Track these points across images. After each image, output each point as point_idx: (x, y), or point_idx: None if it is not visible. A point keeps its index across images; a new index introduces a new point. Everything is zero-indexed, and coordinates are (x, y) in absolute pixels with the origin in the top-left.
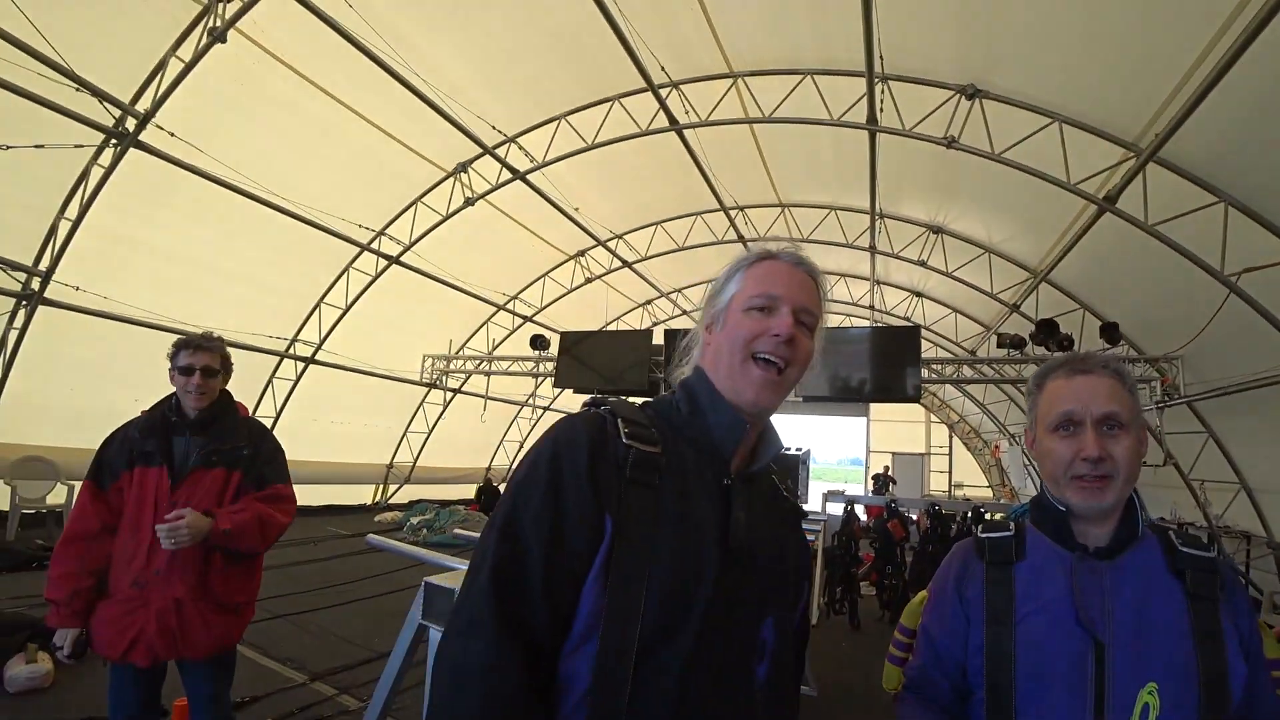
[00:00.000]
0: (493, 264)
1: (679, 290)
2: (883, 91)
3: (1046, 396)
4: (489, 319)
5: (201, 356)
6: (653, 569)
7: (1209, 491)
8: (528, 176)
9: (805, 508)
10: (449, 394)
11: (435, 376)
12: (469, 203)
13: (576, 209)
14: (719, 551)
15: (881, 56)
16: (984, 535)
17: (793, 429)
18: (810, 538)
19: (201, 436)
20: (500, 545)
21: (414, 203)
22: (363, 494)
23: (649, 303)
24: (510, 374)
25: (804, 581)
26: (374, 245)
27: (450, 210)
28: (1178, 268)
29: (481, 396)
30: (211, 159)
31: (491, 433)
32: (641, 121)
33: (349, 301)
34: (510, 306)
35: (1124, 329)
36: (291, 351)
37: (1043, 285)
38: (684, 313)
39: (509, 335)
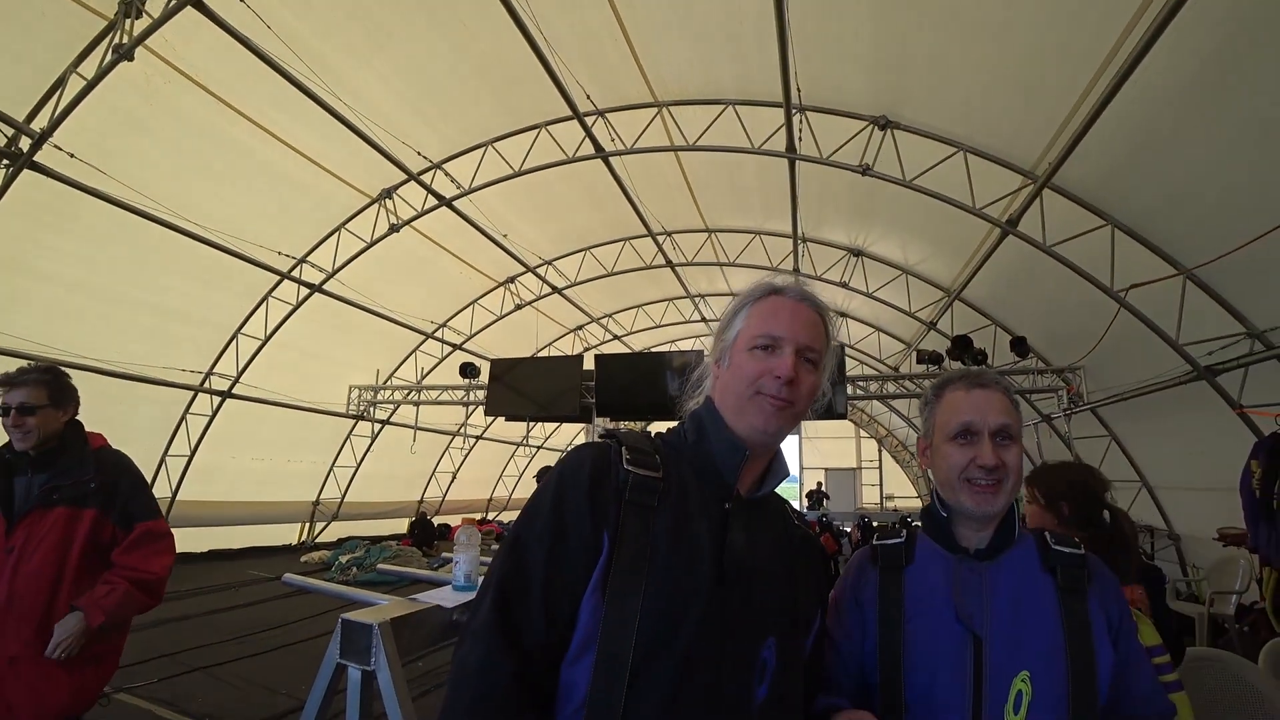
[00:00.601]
0: (420, 292)
1: (609, 315)
2: (801, 121)
3: (945, 406)
4: (417, 347)
5: (16, 394)
6: (647, 585)
7: (1114, 490)
8: (454, 203)
9: None
10: (377, 425)
11: (362, 408)
12: (394, 229)
13: (505, 235)
14: (714, 570)
15: (799, 88)
16: (877, 543)
17: None
18: None
19: (43, 474)
20: (506, 560)
21: (337, 229)
22: (288, 534)
23: (580, 328)
24: (440, 403)
25: (818, 608)
26: (295, 273)
27: (375, 237)
28: (1075, 285)
29: (411, 427)
30: (117, 182)
31: (423, 464)
32: (568, 148)
33: (269, 331)
34: (439, 334)
35: (1031, 342)
36: (207, 385)
37: (957, 303)
38: (615, 337)
39: (438, 364)
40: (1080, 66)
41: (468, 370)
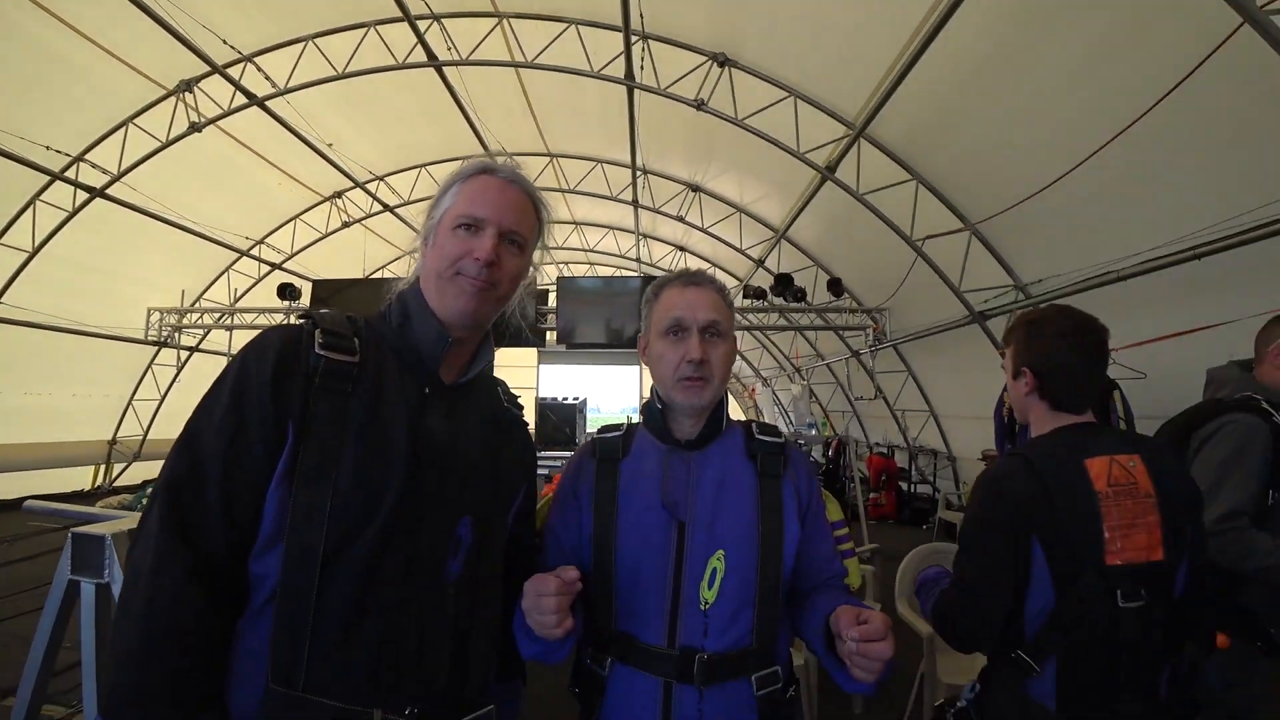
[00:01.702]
0: (233, 204)
1: None
2: (643, 50)
3: (661, 305)
4: (230, 266)
5: None
6: (339, 473)
7: (908, 418)
8: (268, 103)
9: None
10: (183, 353)
11: (165, 334)
12: (195, 129)
13: (330, 145)
14: (409, 457)
15: (641, 15)
16: (597, 436)
17: (570, 379)
18: None
19: None
20: (179, 459)
21: (124, 124)
22: (80, 478)
23: (415, 251)
24: (257, 328)
25: (523, 483)
26: (70, 174)
27: (172, 137)
28: (883, 232)
29: (224, 355)
30: None
31: None
32: (400, 54)
33: (37, 243)
34: (255, 252)
35: (846, 284)
36: None
37: (784, 243)
38: None
39: (254, 285)
40: (900, 27)
41: (287, 292)
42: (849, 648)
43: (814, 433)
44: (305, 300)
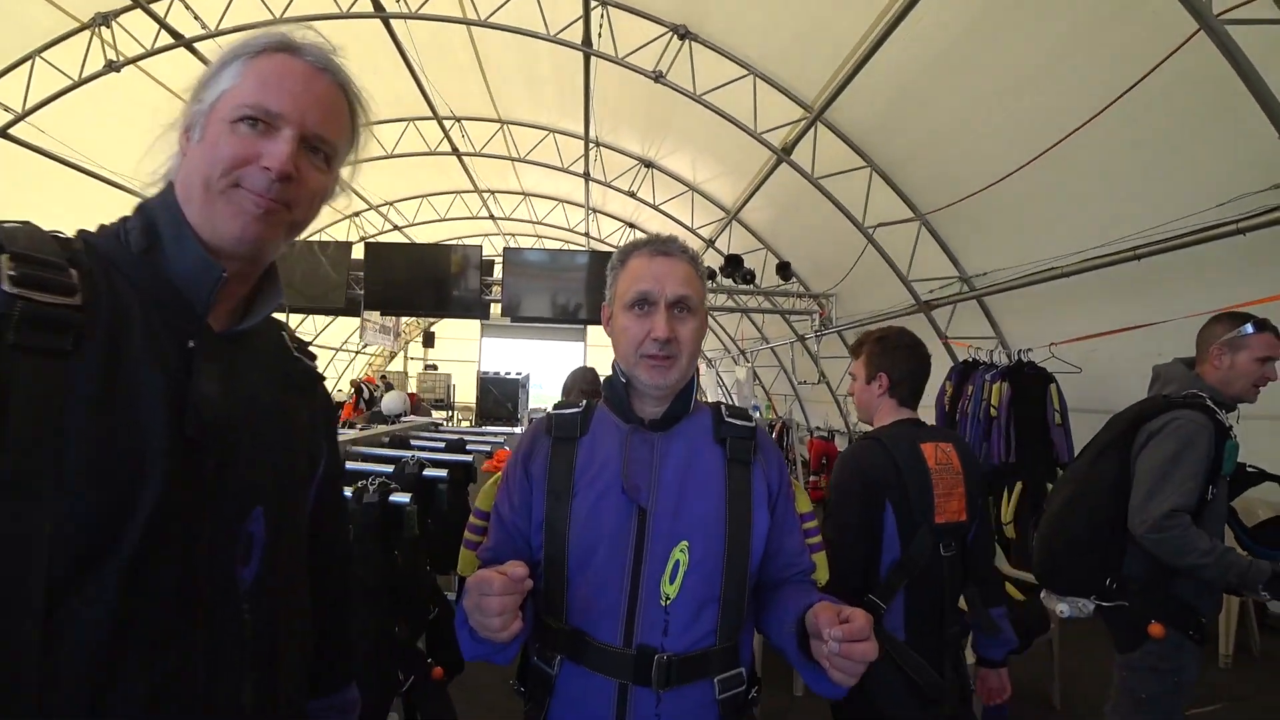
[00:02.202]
0: (154, 150)
1: (389, 203)
2: (602, 16)
3: (627, 274)
4: None
5: None
6: (61, 474)
7: (850, 403)
8: (196, 46)
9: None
10: None
11: None
12: (113, 68)
13: None
14: (172, 437)
15: None
16: (553, 412)
17: (514, 353)
18: None
19: None
20: None
21: (31, 56)
22: None
23: (357, 215)
24: None
25: (322, 444)
26: None
27: (86, 75)
28: (835, 218)
29: None
30: None
31: None
32: (343, 2)
33: None
34: None
35: (795, 268)
36: None
37: (735, 225)
38: (396, 228)
39: None
40: (864, 12)
41: None
42: (829, 648)
43: (758, 415)
44: None
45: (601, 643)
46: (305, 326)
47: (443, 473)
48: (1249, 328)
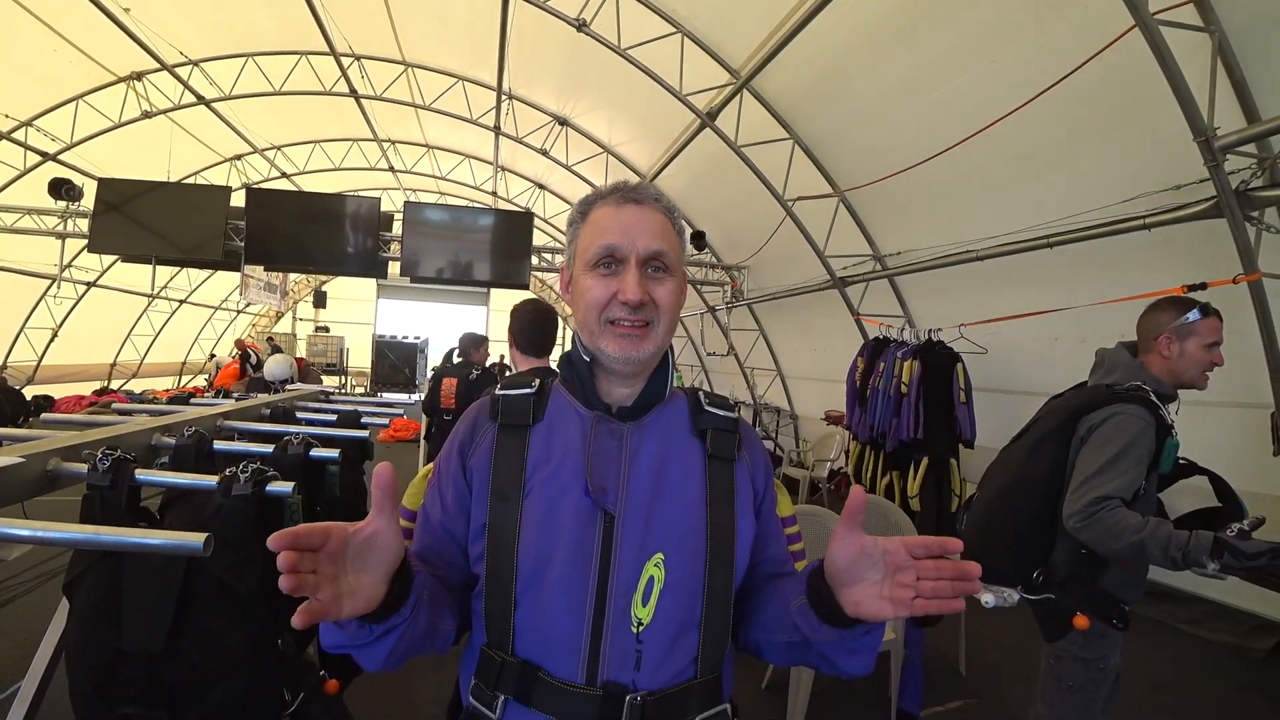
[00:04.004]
0: None
1: (277, 147)
2: None
3: (590, 227)
4: None
5: None
6: None
7: (756, 376)
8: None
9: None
10: None
11: None
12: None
13: (128, 10)
14: None
15: None
16: (501, 393)
17: (412, 316)
18: None
19: None
20: None
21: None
22: None
23: (239, 158)
24: (21, 231)
25: None
26: None
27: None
28: (753, 189)
29: None
30: None
31: (5, 318)
32: None
33: None
34: (20, 136)
35: (710, 238)
36: None
37: None
38: (284, 175)
39: (19, 178)
40: None
41: (64, 189)
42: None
43: None
44: (88, 202)
45: (558, 680)
46: (179, 281)
47: (334, 452)
48: (1195, 314)
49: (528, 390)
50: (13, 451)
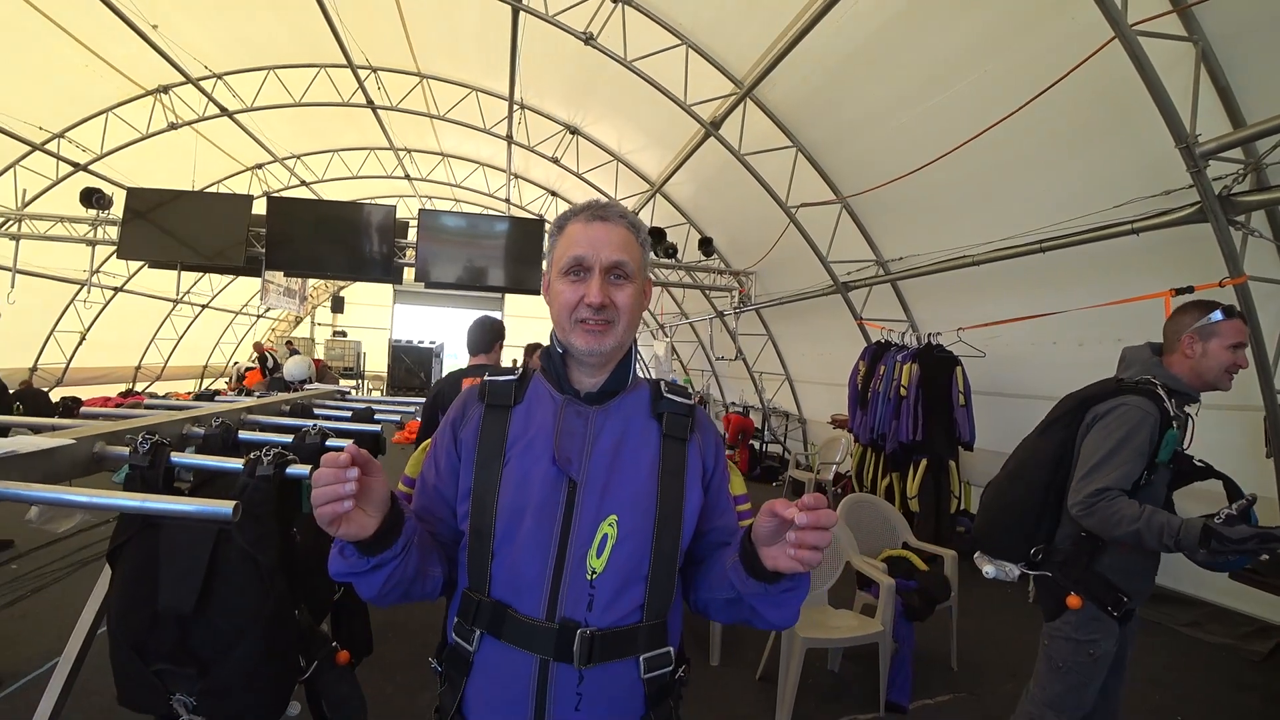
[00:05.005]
0: (23, 84)
1: (297, 157)
2: None
3: (564, 240)
4: (18, 162)
5: None
6: None
7: (765, 380)
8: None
9: None
10: None
11: None
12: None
13: (155, 27)
14: None
15: None
16: (488, 379)
17: (428, 321)
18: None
19: None
20: None
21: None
22: None
23: (259, 167)
24: (53, 239)
25: None
26: None
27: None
28: (759, 196)
29: (9, 270)
30: None
31: (35, 322)
32: None
33: None
34: (53, 148)
35: (717, 244)
36: None
37: (659, 198)
38: (303, 184)
39: (52, 187)
40: None
41: (94, 199)
42: (799, 518)
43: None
44: (117, 210)
45: (524, 616)
46: (201, 286)
47: (348, 443)
48: (1218, 314)
49: (510, 377)
50: (64, 434)
